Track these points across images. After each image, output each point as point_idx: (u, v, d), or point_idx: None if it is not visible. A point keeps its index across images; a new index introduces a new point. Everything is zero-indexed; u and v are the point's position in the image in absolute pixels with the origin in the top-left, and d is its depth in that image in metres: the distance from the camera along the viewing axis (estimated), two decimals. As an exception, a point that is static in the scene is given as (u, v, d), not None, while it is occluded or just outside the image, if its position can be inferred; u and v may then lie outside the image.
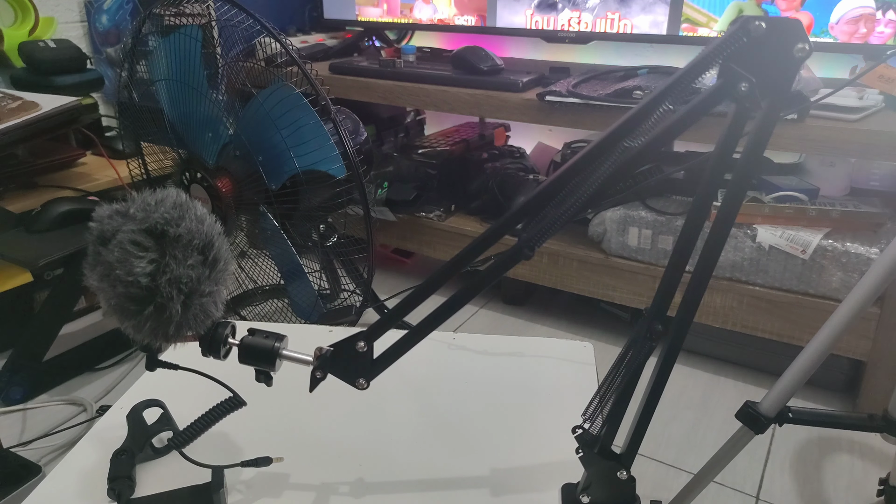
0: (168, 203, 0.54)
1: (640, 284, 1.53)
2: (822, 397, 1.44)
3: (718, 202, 0.47)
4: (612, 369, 0.56)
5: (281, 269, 1.27)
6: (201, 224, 0.55)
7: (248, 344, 0.57)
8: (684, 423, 1.36)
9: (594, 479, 0.58)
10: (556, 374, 0.83)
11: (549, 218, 0.47)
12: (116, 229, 0.53)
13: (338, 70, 1.73)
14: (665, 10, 1.53)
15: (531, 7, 1.69)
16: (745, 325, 1.43)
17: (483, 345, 0.88)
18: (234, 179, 1.20)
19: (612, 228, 1.53)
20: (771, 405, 0.84)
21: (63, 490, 0.66)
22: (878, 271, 0.76)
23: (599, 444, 0.56)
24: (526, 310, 1.80)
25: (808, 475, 1.23)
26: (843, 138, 1.21)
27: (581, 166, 0.46)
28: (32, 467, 1.13)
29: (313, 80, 1.11)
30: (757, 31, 0.41)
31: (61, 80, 1.57)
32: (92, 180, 1.52)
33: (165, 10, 1.38)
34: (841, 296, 1.22)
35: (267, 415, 0.74)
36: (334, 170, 1.13)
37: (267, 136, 1.13)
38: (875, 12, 1.34)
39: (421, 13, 1.85)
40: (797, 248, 1.33)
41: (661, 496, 1.14)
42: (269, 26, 1.12)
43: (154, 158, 1.42)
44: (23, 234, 1.28)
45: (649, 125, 0.45)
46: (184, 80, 1.18)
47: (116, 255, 0.52)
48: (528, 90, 1.52)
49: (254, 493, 0.64)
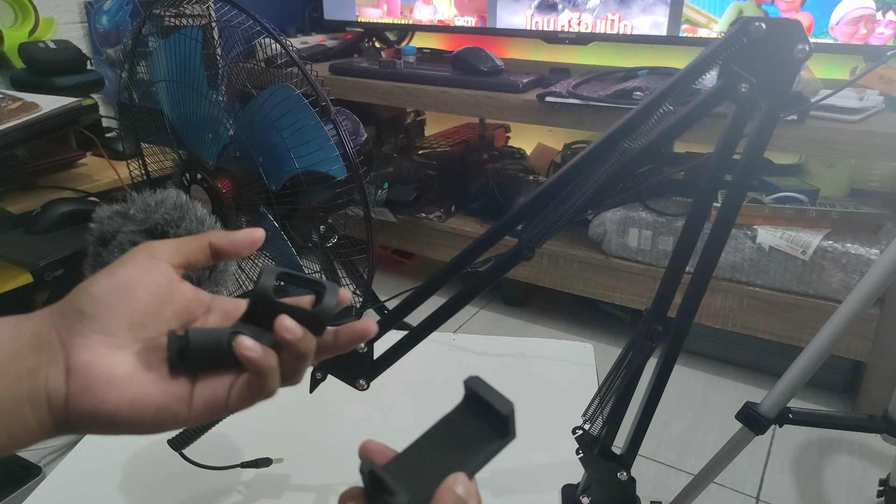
0: (168, 204, 0.55)
1: (640, 285, 1.53)
2: (823, 398, 1.43)
3: (718, 203, 0.47)
4: (612, 370, 0.56)
5: (281, 270, 1.27)
6: (201, 225, 0.55)
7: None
8: (684, 423, 1.36)
9: (594, 480, 0.58)
10: (557, 375, 0.83)
11: (549, 219, 0.47)
12: (117, 230, 0.53)
13: (338, 71, 1.73)
14: (665, 12, 1.53)
15: (531, 8, 1.69)
16: (745, 326, 1.43)
17: (483, 346, 0.88)
18: (235, 180, 1.20)
19: (613, 229, 1.53)
20: (771, 406, 0.84)
21: (63, 490, 0.66)
22: (878, 272, 0.76)
23: (599, 444, 0.56)
24: (526, 311, 1.80)
25: (809, 476, 1.23)
26: (843, 139, 1.21)
27: (581, 167, 0.46)
28: (32, 468, 1.13)
29: (313, 81, 1.11)
30: (757, 32, 0.41)
31: (61, 80, 1.57)
32: (92, 181, 1.52)
33: (165, 11, 1.38)
34: (841, 297, 1.22)
35: (267, 415, 0.74)
36: (334, 171, 1.13)
37: (267, 137, 1.13)
38: (875, 13, 1.34)
39: (421, 14, 1.85)
40: (797, 249, 1.33)
41: (661, 497, 1.13)
42: (270, 27, 1.12)
43: (154, 159, 1.42)
44: (23, 235, 1.28)
45: (649, 126, 0.45)
46: (184, 81, 1.18)
47: (117, 255, 0.52)
48: (528, 91, 1.52)
49: (254, 493, 0.64)
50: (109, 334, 0.33)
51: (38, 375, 0.32)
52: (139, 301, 0.34)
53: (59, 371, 0.33)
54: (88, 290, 0.34)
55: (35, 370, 0.32)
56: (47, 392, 0.32)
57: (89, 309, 0.34)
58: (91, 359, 0.33)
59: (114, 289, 0.34)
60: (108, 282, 0.34)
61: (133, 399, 0.33)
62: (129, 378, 0.33)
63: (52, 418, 0.33)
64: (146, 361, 0.34)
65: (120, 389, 0.33)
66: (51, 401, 0.33)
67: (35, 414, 0.32)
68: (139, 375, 0.33)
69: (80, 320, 0.33)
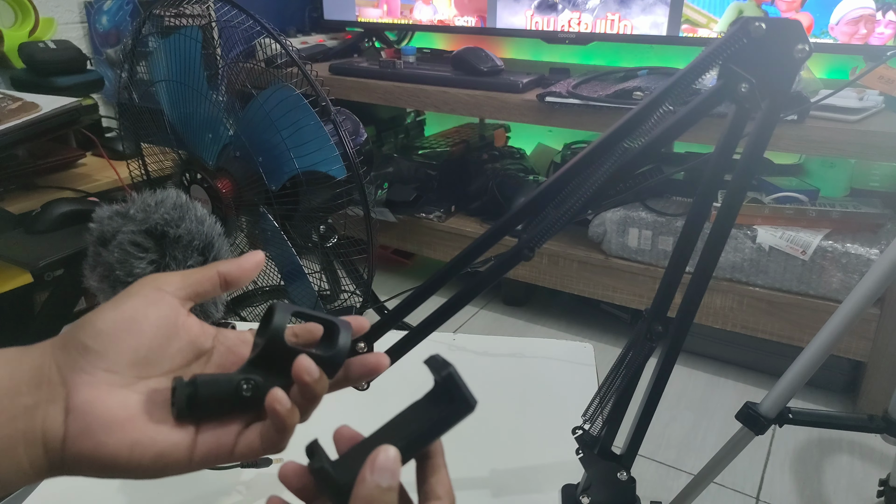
0: (168, 204, 0.55)
1: (640, 285, 1.53)
2: (823, 398, 1.43)
3: (718, 203, 0.47)
4: (612, 370, 0.56)
5: (281, 270, 1.27)
6: (201, 225, 0.55)
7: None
8: (684, 423, 1.36)
9: (594, 480, 0.58)
10: (556, 375, 0.83)
11: (550, 219, 0.47)
12: (116, 230, 0.53)
13: (338, 71, 1.73)
14: (665, 11, 1.53)
15: (531, 8, 1.69)
16: (745, 326, 1.43)
17: (483, 346, 0.88)
18: (234, 180, 1.20)
19: (613, 229, 1.53)
20: (771, 406, 0.84)
21: (63, 490, 0.66)
22: (877, 272, 0.76)
23: (599, 444, 0.56)
24: (526, 310, 1.80)
25: (809, 476, 1.23)
26: (843, 139, 1.21)
27: (581, 167, 0.46)
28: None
29: (313, 81, 1.11)
30: (757, 32, 0.41)
31: (61, 80, 1.57)
32: (92, 181, 1.52)
33: (165, 11, 1.38)
34: (841, 297, 1.22)
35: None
36: (334, 171, 1.13)
37: (267, 137, 1.13)
38: (875, 13, 1.34)
39: (421, 14, 1.85)
40: (797, 249, 1.33)
41: (661, 497, 1.13)
42: (269, 27, 1.12)
43: (154, 159, 1.42)
44: (23, 235, 1.28)
45: (649, 126, 0.45)
46: (184, 81, 1.18)
47: (116, 255, 0.52)
48: (528, 91, 1.52)
49: (254, 493, 0.64)
50: (113, 371, 0.32)
51: (36, 414, 0.31)
52: (145, 336, 0.33)
53: (58, 410, 0.31)
54: (94, 324, 0.33)
55: (33, 408, 0.31)
56: (44, 432, 0.31)
57: (94, 344, 0.32)
58: (92, 398, 0.31)
59: (120, 323, 0.33)
60: (114, 315, 0.33)
61: (133, 442, 0.32)
62: (131, 420, 0.32)
63: (46, 460, 0.32)
64: (149, 402, 0.33)
65: (121, 432, 0.31)
66: (47, 442, 0.31)
67: (29, 455, 0.31)
68: (141, 418, 0.32)
69: (84, 356, 0.32)
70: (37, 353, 0.33)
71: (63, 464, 0.32)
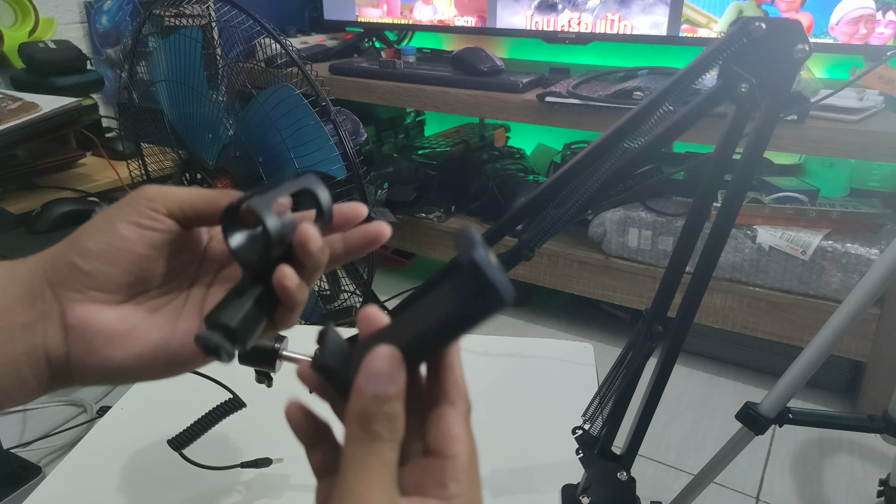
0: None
1: (640, 285, 1.53)
2: (823, 398, 1.43)
3: (718, 203, 0.47)
4: (612, 370, 0.56)
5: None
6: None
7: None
8: (684, 423, 1.36)
9: (594, 480, 0.58)
10: (556, 375, 0.83)
11: (549, 219, 0.47)
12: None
13: (338, 71, 1.73)
14: (665, 11, 1.53)
15: (531, 8, 1.69)
16: (745, 326, 1.43)
17: (483, 345, 0.88)
18: (235, 180, 1.20)
19: (612, 229, 1.53)
20: (771, 406, 0.84)
21: (63, 490, 0.66)
22: (877, 272, 0.76)
23: (599, 444, 0.56)
24: (526, 310, 1.80)
25: (809, 476, 1.23)
26: (842, 139, 1.21)
27: (581, 167, 0.46)
28: (32, 468, 1.13)
29: (313, 81, 1.12)
30: (757, 32, 0.41)
31: (61, 80, 1.57)
32: (92, 181, 1.53)
33: (165, 11, 1.38)
34: (841, 297, 1.22)
35: (267, 416, 0.74)
36: (334, 171, 1.13)
37: (267, 137, 1.14)
38: (875, 13, 1.34)
39: (421, 14, 1.85)
40: (797, 249, 1.33)
41: (661, 497, 1.13)
42: (269, 27, 1.13)
43: (154, 159, 1.42)
44: (23, 235, 1.28)
45: (649, 126, 0.45)
46: (184, 81, 1.18)
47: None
48: (528, 91, 1.52)
49: (254, 493, 0.64)
50: (105, 291, 0.31)
51: (35, 332, 0.31)
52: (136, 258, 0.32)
53: (56, 328, 0.31)
54: (84, 244, 0.32)
55: (30, 326, 0.31)
56: (46, 350, 0.31)
57: (84, 264, 0.31)
58: (88, 315, 0.31)
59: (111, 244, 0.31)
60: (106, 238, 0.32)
61: (139, 353, 0.31)
62: (133, 331, 0.31)
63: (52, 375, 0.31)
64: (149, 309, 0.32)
65: (124, 346, 0.31)
66: (51, 360, 0.31)
67: (34, 372, 0.31)
68: (143, 326, 0.32)
69: (75, 274, 0.31)
70: (25, 268, 0.32)
71: (71, 378, 0.32)
